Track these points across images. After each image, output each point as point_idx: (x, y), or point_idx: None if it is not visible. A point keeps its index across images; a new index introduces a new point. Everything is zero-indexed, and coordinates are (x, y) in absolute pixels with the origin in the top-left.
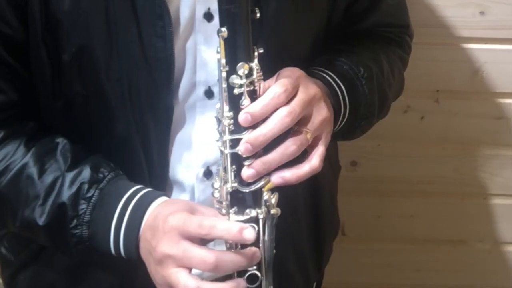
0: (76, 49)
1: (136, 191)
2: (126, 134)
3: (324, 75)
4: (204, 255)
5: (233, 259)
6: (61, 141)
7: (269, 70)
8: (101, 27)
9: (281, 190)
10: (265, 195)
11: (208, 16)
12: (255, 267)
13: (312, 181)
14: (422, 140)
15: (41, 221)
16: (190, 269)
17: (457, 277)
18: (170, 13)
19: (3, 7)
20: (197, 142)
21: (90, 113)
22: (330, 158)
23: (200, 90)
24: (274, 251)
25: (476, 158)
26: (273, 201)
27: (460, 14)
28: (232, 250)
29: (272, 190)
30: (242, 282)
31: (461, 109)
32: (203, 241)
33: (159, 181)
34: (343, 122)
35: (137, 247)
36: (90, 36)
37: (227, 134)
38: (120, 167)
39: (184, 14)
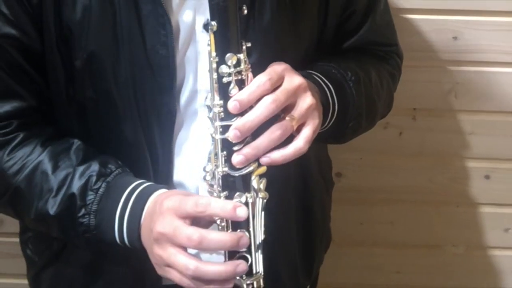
0: (86, 55)
1: (139, 184)
2: (134, 137)
3: (313, 75)
4: (191, 233)
5: (217, 238)
6: (75, 142)
7: None
8: (109, 35)
9: (274, 198)
10: (254, 180)
11: (207, 27)
12: (245, 249)
13: (305, 192)
14: (400, 154)
15: (52, 211)
16: (185, 249)
17: (433, 279)
18: (172, 23)
19: (22, 19)
20: (200, 145)
21: (100, 117)
22: (324, 173)
23: (202, 97)
24: (264, 236)
25: (450, 170)
26: (262, 186)
27: (435, 39)
28: (218, 230)
29: (261, 175)
30: (242, 263)
31: (436, 126)
32: (199, 223)
33: (164, 182)
34: (332, 120)
35: (139, 234)
36: (99, 44)
37: (217, 121)
38: (128, 168)
39: (184, 24)
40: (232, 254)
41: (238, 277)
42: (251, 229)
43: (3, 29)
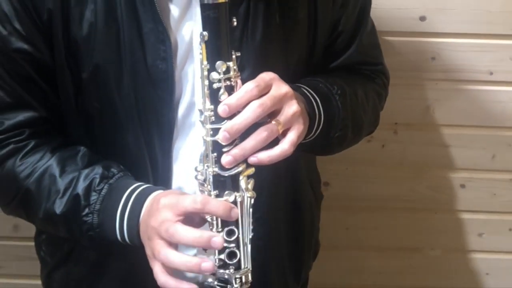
0: (92, 68)
1: (138, 186)
2: (135, 144)
3: (301, 88)
4: (185, 229)
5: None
6: (81, 149)
7: None
8: (113, 50)
9: (264, 208)
10: (242, 180)
11: (202, 37)
12: (234, 245)
13: (295, 204)
14: (383, 165)
15: (59, 210)
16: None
17: (413, 279)
18: (171, 39)
19: (33, 34)
20: (197, 153)
21: (105, 126)
22: (314, 187)
23: (199, 102)
24: (252, 233)
25: (428, 180)
26: (250, 185)
27: (416, 59)
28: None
29: (249, 176)
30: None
31: (415, 139)
32: (193, 221)
33: (164, 186)
34: (319, 130)
35: (138, 232)
36: (104, 58)
37: (208, 124)
38: (130, 173)
39: (183, 41)
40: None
41: (228, 272)
42: (239, 226)
43: (16, 44)
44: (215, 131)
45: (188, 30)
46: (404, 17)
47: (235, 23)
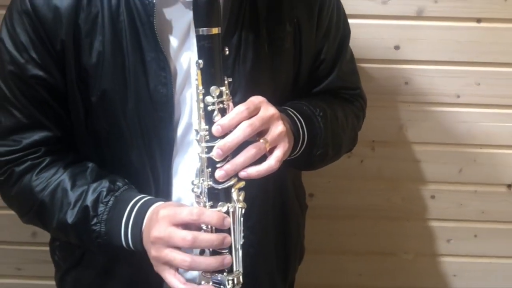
0: (100, 93)
1: (141, 198)
2: (139, 161)
3: (287, 110)
4: (185, 235)
5: (207, 238)
6: (91, 165)
7: None
8: (119, 76)
9: (255, 218)
10: (234, 193)
11: (198, 64)
12: (227, 250)
13: (283, 215)
14: (362, 178)
15: (70, 220)
16: (179, 249)
17: (389, 280)
18: (171, 67)
19: (48, 62)
20: (194, 169)
21: (111, 144)
22: (299, 199)
23: (195, 123)
24: (243, 240)
25: (402, 191)
26: (241, 197)
27: (390, 84)
28: (206, 233)
29: (240, 188)
30: (228, 257)
31: (390, 155)
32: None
33: (164, 198)
34: (302, 148)
35: (141, 239)
36: (111, 83)
37: (203, 142)
38: (134, 186)
39: (181, 68)
40: (216, 254)
41: (221, 274)
42: (232, 233)
43: (33, 71)
44: (210, 149)
45: (186, 59)
46: (380, 46)
47: (227, 52)
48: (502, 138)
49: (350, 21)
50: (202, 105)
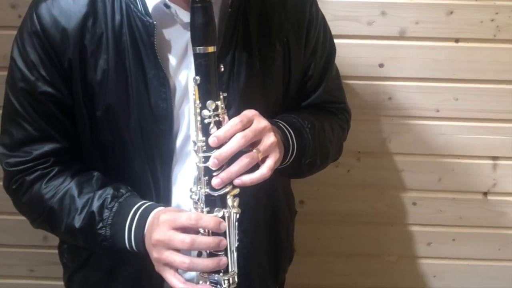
0: (105, 107)
1: (142, 204)
2: (141, 170)
3: (278, 122)
4: (183, 238)
5: (204, 240)
6: (96, 174)
7: None
8: (122, 92)
9: (248, 223)
10: (229, 199)
11: (195, 80)
12: (223, 252)
13: (274, 220)
14: (348, 186)
15: (77, 225)
16: (178, 251)
17: (373, 280)
18: (170, 83)
19: (56, 80)
20: (192, 177)
21: (116, 155)
22: (289, 205)
23: (193, 134)
24: (237, 242)
25: (386, 198)
26: (235, 203)
27: (375, 99)
28: (204, 236)
29: (234, 195)
30: (224, 258)
31: (375, 165)
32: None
33: (165, 204)
34: (292, 158)
35: (143, 241)
36: (114, 99)
37: (200, 153)
38: (136, 193)
39: (180, 85)
40: (213, 255)
41: (217, 275)
42: (227, 236)
43: (42, 87)
44: (206, 158)
45: (184, 76)
46: (365, 64)
47: (222, 69)
48: (478, 149)
49: (337, 41)
50: (199, 118)
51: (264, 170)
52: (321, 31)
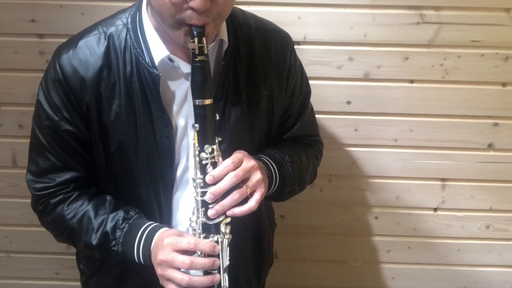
0: (117, 143)
1: (149, 225)
2: (147, 196)
3: (262, 158)
4: (184, 259)
5: (201, 262)
6: (109, 198)
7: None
8: (132, 131)
9: (235, 235)
10: (222, 227)
11: (195, 128)
12: (216, 271)
13: (257, 232)
14: (321, 203)
15: (94, 242)
16: (179, 270)
17: (341, 282)
18: (172, 124)
19: (76, 120)
20: (189, 202)
21: (126, 183)
22: (270, 219)
23: (191, 172)
24: (228, 262)
25: (353, 214)
26: (228, 230)
27: (343, 130)
28: (200, 258)
29: (226, 223)
30: (217, 276)
31: (344, 185)
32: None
33: (167, 224)
34: (275, 188)
35: (149, 257)
36: (125, 136)
37: (199, 188)
38: (143, 214)
39: (180, 125)
40: (208, 273)
41: None
42: (220, 258)
43: (64, 126)
44: (203, 193)
45: (184, 118)
46: (335, 101)
47: (217, 118)
48: (429, 172)
49: (312, 82)
50: (197, 159)
51: (252, 203)
52: (299, 75)
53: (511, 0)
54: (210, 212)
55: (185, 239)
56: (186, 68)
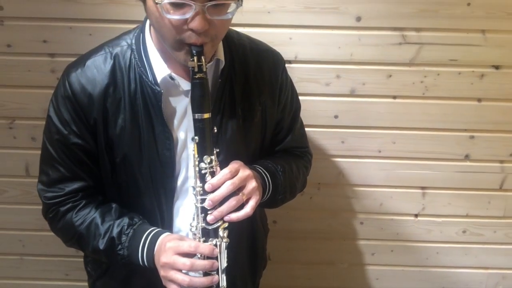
0: (122, 155)
1: (152, 230)
2: (150, 204)
3: (257, 168)
4: (185, 261)
5: (201, 264)
6: (115, 206)
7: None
8: (136, 144)
9: (232, 239)
10: (220, 231)
11: (194, 140)
12: (215, 272)
13: (252, 236)
14: (312, 209)
15: (101, 247)
16: (181, 271)
17: (329, 282)
18: (173, 137)
19: (84, 133)
20: (189, 209)
21: (130, 192)
22: (263, 224)
23: (191, 181)
24: (226, 264)
25: (340, 219)
26: (225, 234)
27: (330, 143)
28: (200, 260)
29: (224, 228)
30: (216, 277)
31: (332, 193)
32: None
33: (168, 229)
34: (268, 195)
35: (153, 260)
36: (129, 149)
37: (198, 196)
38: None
39: (180, 138)
40: (207, 275)
41: None
42: (218, 260)
43: (73, 140)
44: (203, 200)
45: (184, 131)
46: (323, 116)
47: (215, 131)
48: (411, 181)
49: (301, 97)
50: (197, 169)
51: (248, 209)
52: (290, 92)
53: (486, 22)
54: (209, 218)
55: (186, 242)
56: (185, 85)
